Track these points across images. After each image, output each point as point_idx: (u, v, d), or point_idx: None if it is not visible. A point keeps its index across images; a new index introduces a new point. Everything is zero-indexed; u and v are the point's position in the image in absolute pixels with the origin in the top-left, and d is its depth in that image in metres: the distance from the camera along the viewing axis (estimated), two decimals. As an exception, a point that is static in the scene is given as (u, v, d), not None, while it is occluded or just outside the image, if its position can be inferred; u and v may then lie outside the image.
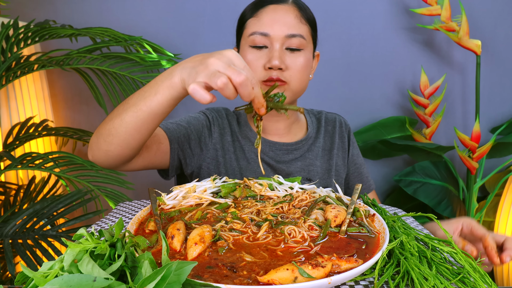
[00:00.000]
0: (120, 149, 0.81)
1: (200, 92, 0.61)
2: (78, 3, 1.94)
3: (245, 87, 0.62)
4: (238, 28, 1.05)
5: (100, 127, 0.83)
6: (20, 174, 1.76)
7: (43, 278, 0.41)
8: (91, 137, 0.87)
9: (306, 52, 1.00)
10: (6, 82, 1.61)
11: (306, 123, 1.20)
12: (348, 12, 1.96)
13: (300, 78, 1.00)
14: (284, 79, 0.97)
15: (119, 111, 0.78)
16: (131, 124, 0.76)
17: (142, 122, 0.75)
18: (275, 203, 0.75)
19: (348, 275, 0.51)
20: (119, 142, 0.79)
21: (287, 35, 0.96)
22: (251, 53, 0.98)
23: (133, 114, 0.74)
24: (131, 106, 0.75)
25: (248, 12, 1.01)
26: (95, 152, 0.85)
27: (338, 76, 2.02)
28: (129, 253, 0.44)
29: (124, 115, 0.76)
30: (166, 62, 1.77)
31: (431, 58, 2.00)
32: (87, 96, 2.02)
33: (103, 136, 0.80)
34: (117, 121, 0.77)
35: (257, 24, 0.97)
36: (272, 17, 0.96)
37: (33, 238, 1.39)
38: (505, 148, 1.86)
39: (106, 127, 0.79)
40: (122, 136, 0.78)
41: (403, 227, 0.72)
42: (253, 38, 0.97)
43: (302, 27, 0.98)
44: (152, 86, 0.73)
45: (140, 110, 0.74)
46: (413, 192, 1.78)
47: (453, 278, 0.56)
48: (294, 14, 0.97)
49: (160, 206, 0.77)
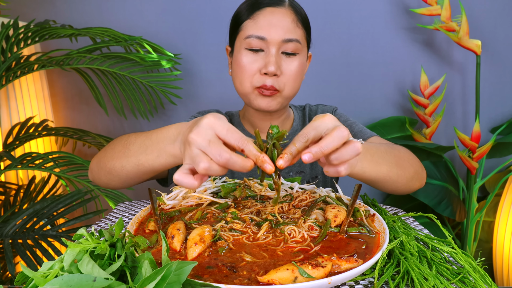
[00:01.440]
0: (120, 186, 0.85)
1: (185, 181, 0.56)
2: (78, 3, 1.94)
3: (232, 164, 0.54)
4: (233, 28, 1.04)
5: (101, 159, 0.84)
6: (20, 174, 1.76)
7: (43, 278, 0.40)
8: (92, 161, 0.89)
9: (301, 56, 0.99)
10: (6, 82, 1.61)
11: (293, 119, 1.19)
12: (348, 12, 1.96)
13: (293, 84, 0.99)
14: (278, 87, 0.96)
15: (119, 154, 0.78)
16: (132, 173, 0.77)
17: (143, 173, 0.76)
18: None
19: (348, 275, 0.51)
20: (119, 181, 0.82)
21: (284, 39, 0.95)
22: (247, 56, 0.97)
23: (134, 166, 0.75)
24: (132, 156, 0.74)
25: (244, 13, 0.99)
26: (95, 179, 0.88)
27: (338, 76, 2.02)
28: (129, 253, 0.44)
29: (125, 163, 0.76)
30: (166, 62, 1.77)
31: (431, 58, 2.00)
32: (87, 96, 2.02)
33: (104, 172, 0.82)
34: (118, 165, 0.78)
35: (254, 27, 0.96)
36: (269, 21, 0.95)
37: (33, 238, 1.39)
38: (505, 148, 1.86)
39: (107, 165, 0.80)
40: (123, 178, 0.80)
41: (403, 227, 0.72)
42: (250, 41, 0.96)
43: (298, 31, 0.98)
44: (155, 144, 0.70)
45: (142, 165, 0.74)
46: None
47: (453, 278, 0.56)
48: (291, 18, 0.96)
49: (160, 206, 0.77)
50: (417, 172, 0.90)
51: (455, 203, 1.79)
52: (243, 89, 0.99)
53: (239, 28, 1.00)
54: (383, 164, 0.79)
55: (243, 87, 0.99)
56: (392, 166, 0.81)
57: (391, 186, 0.84)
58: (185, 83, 1.99)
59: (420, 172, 0.92)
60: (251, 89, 0.98)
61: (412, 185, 0.90)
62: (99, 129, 2.06)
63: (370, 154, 0.76)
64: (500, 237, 1.80)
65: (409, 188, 0.90)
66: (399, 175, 0.83)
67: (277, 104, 0.99)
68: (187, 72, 1.99)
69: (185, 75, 1.99)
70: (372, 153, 0.76)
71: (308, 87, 1.75)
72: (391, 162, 0.81)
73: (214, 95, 2.02)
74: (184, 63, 1.96)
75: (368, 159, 0.74)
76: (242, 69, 0.97)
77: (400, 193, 0.90)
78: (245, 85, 0.98)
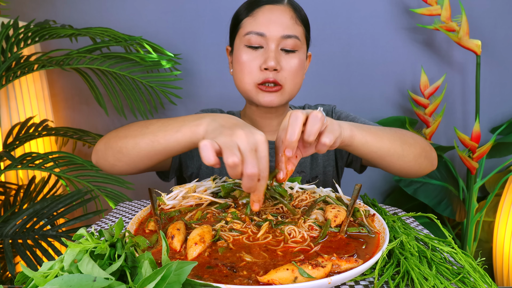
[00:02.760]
0: (126, 167, 0.82)
1: (208, 152, 0.57)
2: (78, 3, 1.94)
3: (250, 180, 0.59)
4: (233, 27, 1.04)
5: (111, 139, 0.82)
6: (20, 174, 1.76)
7: (43, 278, 0.41)
8: (98, 142, 0.87)
9: (300, 53, 0.99)
10: (6, 82, 1.61)
11: None
12: (348, 12, 1.96)
13: (294, 80, 1.00)
14: (279, 81, 0.97)
15: (135, 133, 0.77)
16: (144, 151, 0.76)
17: (155, 153, 0.75)
18: (275, 203, 0.75)
19: (348, 275, 0.51)
20: (128, 162, 0.80)
21: (282, 35, 0.95)
22: (247, 53, 0.97)
23: (149, 142, 0.74)
24: (149, 133, 0.75)
25: (244, 11, 1.00)
26: (100, 160, 0.86)
27: (338, 76, 2.02)
28: (129, 253, 0.44)
29: (139, 140, 0.76)
30: (166, 62, 1.77)
31: (431, 58, 2.00)
32: (87, 96, 2.02)
33: (113, 151, 0.80)
34: (131, 143, 0.77)
35: (253, 24, 0.97)
36: (268, 17, 0.96)
37: (33, 238, 1.39)
38: (505, 148, 1.86)
39: (118, 143, 0.79)
40: (132, 158, 0.78)
41: (403, 227, 0.72)
42: (249, 37, 0.96)
43: (297, 28, 0.98)
44: (177, 122, 0.72)
45: (157, 142, 0.73)
46: (413, 192, 1.78)
47: (453, 278, 0.56)
48: (289, 15, 0.97)
49: (160, 206, 0.77)
50: (424, 149, 0.88)
51: (455, 203, 1.79)
52: (244, 86, 0.99)
53: (239, 26, 1.00)
54: (385, 137, 0.79)
55: (243, 84, 0.99)
56: (395, 140, 0.81)
57: (398, 162, 0.83)
58: (185, 83, 1.99)
59: (429, 151, 0.90)
60: (252, 86, 0.98)
61: (422, 163, 0.87)
62: (99, 129, 2.06)
63: (368, 129, 0.77)
64: (500, 237, 1.80)
65: (419, 166, 0.87)
66: (404, 149, 0.82)
67: (280, 100, 0.99)
68: (187, 72, 1.99)
69: (185, 75, 1.99)
70: (370, 128, 0.78)
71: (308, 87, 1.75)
72: (394, 136, 0.82)
73: (214, 95, 2.02)
74: (184, 63, 1.96)
75: (366, 131, 0.76)
76: (242, 66, 0.98)
77: (411, 172, 0.88)
78: (246, 82, 0.98)
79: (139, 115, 2.01)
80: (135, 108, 1.96)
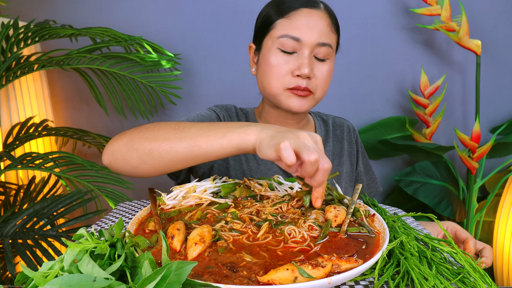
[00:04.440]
0: (152, 171, 0.77)
1: (290, 152, 0.59)
2: (78, 3, 1.94)
3: (325, 174, 0.62)
4: (262, 26, 0.99)
5: (135, 140, 0.76)
6: (20, 174, 1.76)
7: (43, 278, 0.41)
8: (113, 142, 0.80)
9: (330, 61, 0.98)
10: (6, 82, 1.61)
11: (314, 125, 1.17)
12: (348, 12, 1.96)
13: (324, 88, 0.99)
14: (311, 88, 0.95)
15: (168, 135, 0.73)
16: (181, 155, 0.72)
17: (193, 158, 0.72)
18: (274, 203, 0.75)
19: (348, 275, 0.51)
20: (157, 165, 0.75)
21: (318, 43, 0.93)
22: (278, 56, 0.94)
23: (188, 147, 0.71)
24: (187, 137, 0.72)
25: (278, 11, 0.96)
26: (119, 162, 0.79)
27: (338, 76, 2.01)
28: (129, 253, 0.44)
29: (176, 144, 0.72)
30: (166, 62, 1.77)
31: (431, 58, 2.00)
32: (87, 96, 2.02)
33: (139, 153, 0.75)
34: (165, 146, 0.73)
35: (289, 27, 0.93)
36: (306, 22, 0.92)
37: (33, 238, 1.39)
38: (505, 148, 1.86)
39: (147, 146, 0.74)
40: (164, 162, 0.74)
41: (403, 227, 0.72)
42: (283, 41, 0.93)
43: (332, 36, 0.96)
44: (218, 127, 0.71)
45: (198, 146, 0.70)
46: (413, 192, 1.78)
47: (453, 278, 0.56)
48: (326, 22, 0.94)
49: (160, 206, 0.77)
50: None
51: (455, 203, 1.79)
52: (272, 90, 0.97)
53: (271, 26, 0.96)
54: None
55: (272, 87, 0.96)
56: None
57: None
58: (185, 83, 1.99)
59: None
60: (281, 90, 0.95)
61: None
62: (99, 129, 2.06)
63: None
64: (500, 237, 1.80)
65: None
66: None
67: (308, 105, 0.98)
68: (187, 72, 1.99)
69: (185, 75, 1.99)
70: None
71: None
72: None
73: (214, 95, 2.02)
74: (184, 63, 1.96)
75: None
76: (273, 69, 0.95)
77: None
78: (275, 85, 0.96)
79: (139, 115, 2.01)
80: (135, 108, 1.96)
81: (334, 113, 1.29)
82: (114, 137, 0.82)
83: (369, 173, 1.23)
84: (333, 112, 1.36)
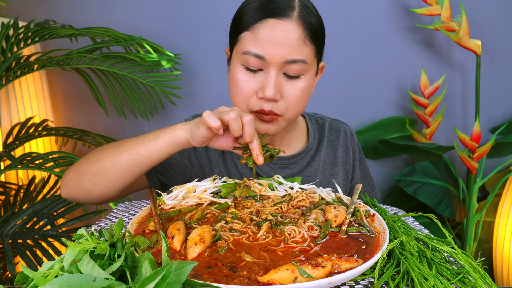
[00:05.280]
0: (105, 190, 0.82)
1: (212, 117, 0.67)
2: (78, 3, 1.94)
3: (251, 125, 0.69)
4: (231, 34, 0.89)
5: (83, 165, 0.82)
6: (20, 174, 1.76)
7: (43, 278, 0.41)
8: (66, 175, 0.86)
9: (307, 76, 0.85)
10: (6, 82, 1.61)
11: (307, 129, 1.07)
12: (348, 12, 1.96)
13: (297, 108, 0.87)
14: (278, 111, 0.84)
15: (110, 153, 0.80)
16: (125, 166, 0.78)
17: (136, 165, 0.78)
18: (274, 203, 0.75)
19: (348, 275, 0.51)
20: (107, 183, 0.80)
21: (286, 60, 0.81)
22: (243, 74, 0.84)
23: (129, 156, 0.78)
24: (126, 149, 0.78)
25: (244, 21, 0.84)
26: (73, 190, 0.84)
27: (338, 76, 2.02)
28: (129, 253, 0.44)
29: (118, 158, 0.78)
30: (166, 62, 1.77)
31: (431, 58, 2.00)
32: (87, 96, 2.02)
33: (88, 176, 0.81)
34: (109, 162, 0.79)
35: (252, 42, 0.81)
36: (271, 36, 0.80)
37: (33, 238, 1.39)
38: (505, 148, 1.86)
39: (94, 167, 0.80)
40: (111, 177, 0.80)
41: (403, 227, 0.72)
42: (246, 58, 0.82)
43: (305, 50, 0.82)
44: (152, 133, 0.78)
45: (137, 154, 0.77)
46: (413, 192, 1.78)
47: (453, 278, 0.56)
48: (297, 34, 0.80)
49: (160, 206, 0.77)
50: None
51: (455, 203, 1.79)
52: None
53: (237, 38, 0.86)
54: None
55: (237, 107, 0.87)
56: None
57: None
58: (185, 83, 1.99)
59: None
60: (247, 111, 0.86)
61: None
62: (99, 129, 2.06)
63: None
64: (500, 237, 1.80)
65: None
66: None
67: (276, 128, 0.89)
68: (187, 72, 1.99)
69: (185, 75, 1.99)
70: None
71: (308, 87, 1.75)
72: None
73: (214, 95, 2.02)
74: (184, 63, 1.96)
75: None
76: (238, 89, 0.86)
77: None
78: (240, 106, 0.87)
79: (139, 115, 2.01)
80: (135, 108, 1.96)
81: (334, 114, 1.28)
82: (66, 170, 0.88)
83: (366, 179, 1.15)
84: (332, 112, 1.36)
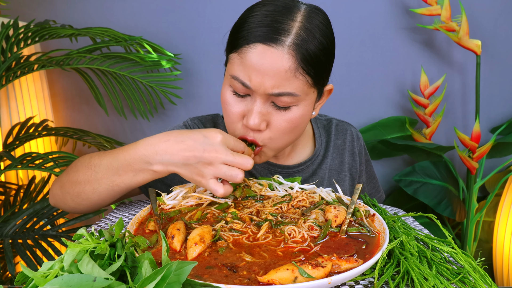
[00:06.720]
0: (89, 208, 0.82)
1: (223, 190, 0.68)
2: (78, 3, 1.94)
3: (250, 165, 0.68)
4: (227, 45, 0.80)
5: (65, 184, 0.80)
6: (20, 174, 1.76)
7: (43, 278, 0.40)
8: (54, 185, 0.85)
9: (300, 106, 0.77)
10: (6, 82, 1.61)
11: (313, 134, 1.02)
12: (348, 12, 1.96)
13: (282, 139, 0.80)
14: (261, 142, 0.78)
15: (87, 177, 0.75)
16: (105, 194, 0.76)
17: (118, 193, 0.76)
18: (274, 203, 0.75)
19: (348, 275, 0.51)
20: (89, 205, 0.80)
21: (271, 93, 0.73)
22: (231, 97, 0.78)
23: (108, 188, 0.75)
24: (103, 178, 0.74)
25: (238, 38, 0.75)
26: (59, 204, 0.84)
27: (338, 76, 2.01)
28: (129, 253, 0.44)
29: (98, 186, 0.75)
30: (166, 62, 1.77)
31: (431, 58, 2.00)
32: (87, 96, 2.02)
33: (71, 196, 0.79)
34: (88, 189, 0.76)
35: (240, 67, 0.74)
36: (257, 65, 0.71)
37: (33, 238, 1.39)
38: (505, 148, 1.86)
39: (74, 189, 0.78)
40: (94, 201, 0.78)
41: (403, 227, 0.72)
42: (233, 82, 0.76)
43: (295, 82, 0.73)
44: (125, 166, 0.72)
45: (117, 186, 0.74)
46: (413, 192, 1.78)
47: (453, 278, 0.56)
48: (287, 66, 0.71)
49: (160, 206, 0.77)
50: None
51: (455, 203, 1.79)
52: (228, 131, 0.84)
53: (228, 56, 0.79)
54: None
55: (227, 128, 0.84)
56: None
57: None
58: (185, 83, 1.99)
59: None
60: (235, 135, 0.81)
61: None
62: (99, 129, 2.06)
63: None
64: (500, 237, 1.80)
65: None
66: None
67: (265, 158, 0.84)
68: (187, 72, 1.99)
69: (185, 75, 1.99)
70: None
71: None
72: None
73: (214, 95, 2.02)
74: (184, 63, 1.96)
75: None
76: (225, 111, 0.81)
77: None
78: (228, 129, 0.83)
79: (139, 115, 2.01)
80: (135, 108, 1.96)
81: (334, 114, 1.27)
82: (55, 179, 0.88)
83: (372, 182, 1.12)
84: (332, 112, 1.35)
